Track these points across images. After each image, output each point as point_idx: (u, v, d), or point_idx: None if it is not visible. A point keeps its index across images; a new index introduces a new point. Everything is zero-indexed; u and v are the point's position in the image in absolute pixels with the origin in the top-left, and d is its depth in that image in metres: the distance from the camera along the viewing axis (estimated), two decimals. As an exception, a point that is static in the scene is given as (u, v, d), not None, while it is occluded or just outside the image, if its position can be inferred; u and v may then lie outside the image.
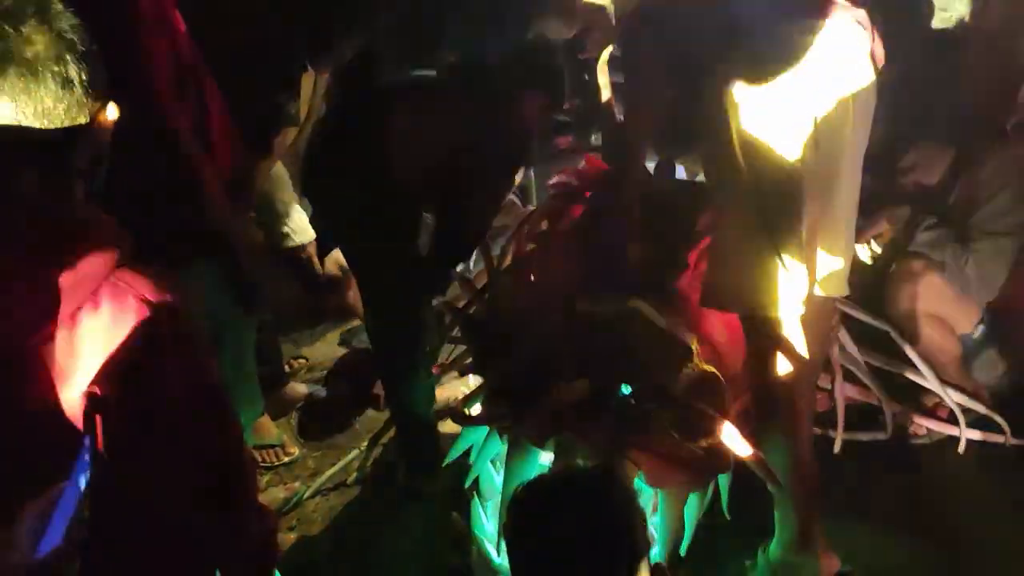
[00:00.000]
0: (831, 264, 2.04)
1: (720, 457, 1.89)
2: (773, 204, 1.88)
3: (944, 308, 2.58)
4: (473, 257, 3.34)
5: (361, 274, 2.65)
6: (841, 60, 1.84)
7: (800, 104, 1.85)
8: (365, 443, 2.94)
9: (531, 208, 3.52)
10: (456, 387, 3.08)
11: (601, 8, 2.76)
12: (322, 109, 2.71)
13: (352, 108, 2.49)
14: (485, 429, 2.09)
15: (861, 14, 1.91)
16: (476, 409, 2.24)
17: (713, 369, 1.97)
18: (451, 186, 2.41)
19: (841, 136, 1.91)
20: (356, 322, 3.58)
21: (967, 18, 2.55)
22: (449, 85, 2.47)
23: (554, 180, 2.68)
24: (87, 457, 0.93)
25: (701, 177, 2.51)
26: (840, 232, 2.05)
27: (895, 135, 2.35)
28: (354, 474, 2.86)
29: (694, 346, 1.99)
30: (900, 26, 2.54)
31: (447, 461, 2.31)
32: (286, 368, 3.37)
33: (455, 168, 2.37)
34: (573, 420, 1.86)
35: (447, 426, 2.66)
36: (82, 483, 0.92)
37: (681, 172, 2.82)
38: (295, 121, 2.54)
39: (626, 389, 1.96)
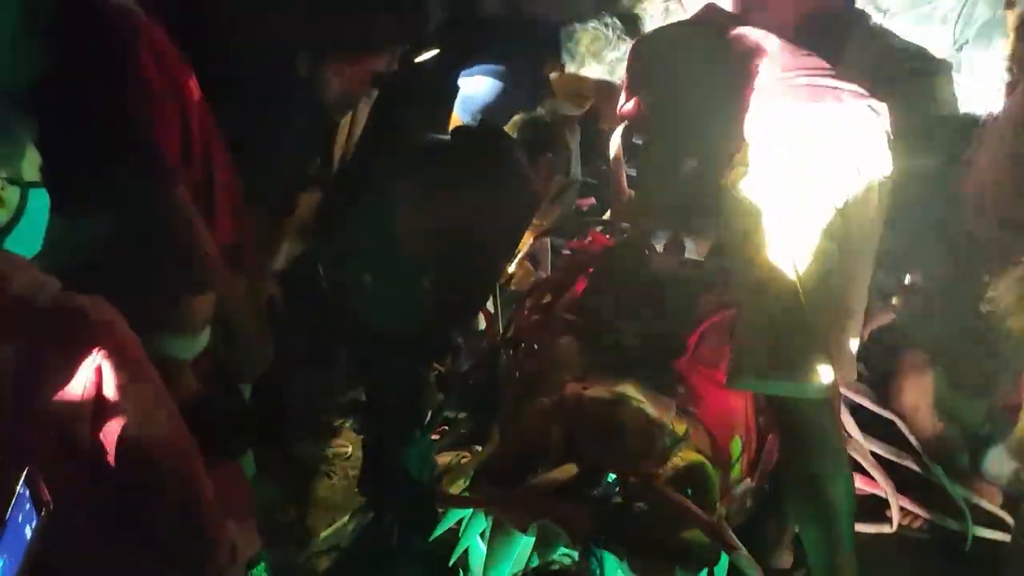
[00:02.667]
0: (842, 349, 2.03)
1: (707, 550, 1.84)
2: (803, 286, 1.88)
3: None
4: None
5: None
6: (857, 148, 1.85)
7: (818, 191, 1.86)
8: (360, 504, 2.92)
9: (543, 275, 3.52)
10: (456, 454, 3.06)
11: (611, 84, 2.79)
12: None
13: (362, 169, 2.53)
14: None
15: (877, 103, 1.92)
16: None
17: (704, 459, 1.94)
18: (455, 250, 2.42)
19: (857, 224, 1.91)
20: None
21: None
22: (459, 149, 2.50)
23: (564, 252, 2.70)
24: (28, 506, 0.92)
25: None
26: (852, 317, 2.04)
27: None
28: (349, 536, 2.84)
29: (686, 434, 1.96)
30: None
31: (435, 534, 2.28)
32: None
33: (460, 232, 2.39)
34: (555, 506, 1.83)
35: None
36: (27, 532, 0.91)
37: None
38: (319, 183, 2.58)
39: (612, 476, 1.92)
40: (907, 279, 2.53)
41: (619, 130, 2.64)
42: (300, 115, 2.35)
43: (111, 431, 1.03)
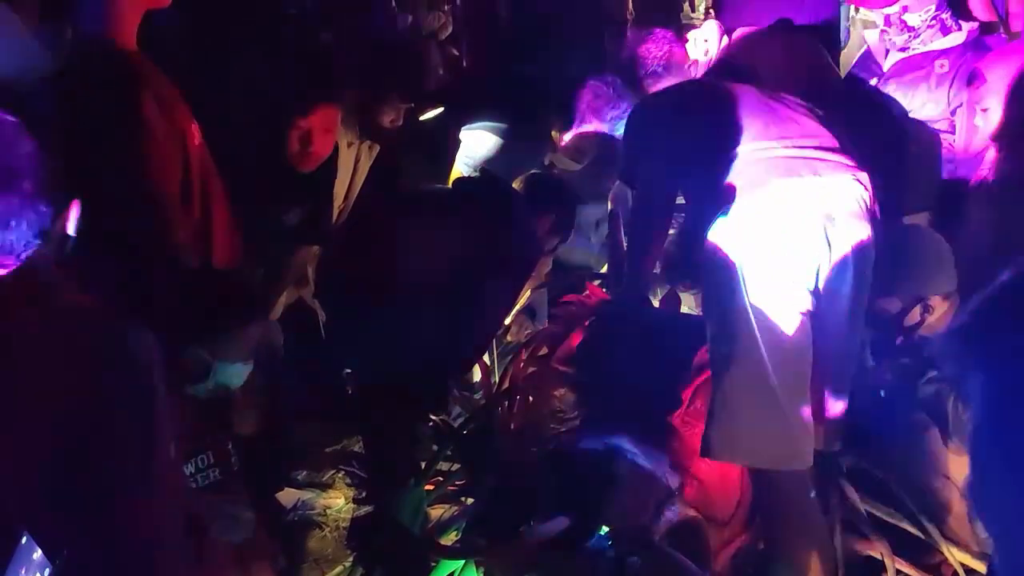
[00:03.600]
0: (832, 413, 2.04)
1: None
2: (780, 358, 1.90)
3: (946, 463, 2.51)
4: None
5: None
6: (832, 221, 1.88)
7: (802, 260, 1.89)
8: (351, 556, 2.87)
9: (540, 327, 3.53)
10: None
11: (611, 140, 2.84)
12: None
13: (366, 218, 2.56)
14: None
15: (860, 173, 1.95)
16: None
17: (696, 514, 1.93)
18: (454, 299, 2.43)
19: (841, 290, 1.93)
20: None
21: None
22: (461, 197, 2.53)
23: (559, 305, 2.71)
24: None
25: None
26: (842, 383, 2.05)
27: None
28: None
29: (679, 489, 1.95)
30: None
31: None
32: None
33: (459, 280, 2.40)
34: (548, 558, 1.82)
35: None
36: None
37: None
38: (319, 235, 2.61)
39: (605, 530, 1.92)
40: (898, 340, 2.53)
41: (616, 186, 2.70)
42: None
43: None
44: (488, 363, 2.85)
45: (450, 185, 2.72)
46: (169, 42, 2.28)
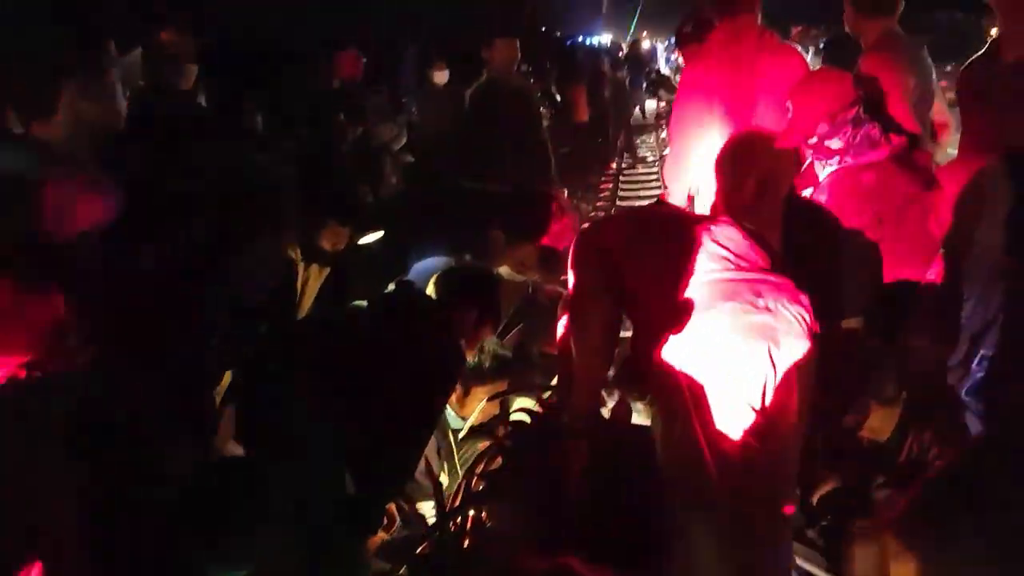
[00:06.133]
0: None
1: None
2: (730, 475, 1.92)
3: (904, 570, 2.50)
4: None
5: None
6: (784, 339, 1.92)
7: (747, 381, 1.93)
8: None
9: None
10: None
11: (555, 254, 2.88)
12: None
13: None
14: None
15: (802, 295, 2.01)
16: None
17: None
18: (378, 408, 2.39)
19: (787, 406, 1.96)
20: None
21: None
22: (374, 319, 2.52)
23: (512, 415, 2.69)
24: None
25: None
26: (788, 490, 2.07)
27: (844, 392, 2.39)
28: None
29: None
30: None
31: None
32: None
33: (376, 400, 2.37)
34: None
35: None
36: None
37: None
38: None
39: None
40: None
41: (563, 305, 2.72)
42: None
43: None
44: (441, 479, 2.80)
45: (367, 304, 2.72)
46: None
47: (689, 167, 3.44)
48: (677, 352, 1.96)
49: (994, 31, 2.60)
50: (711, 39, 3.55)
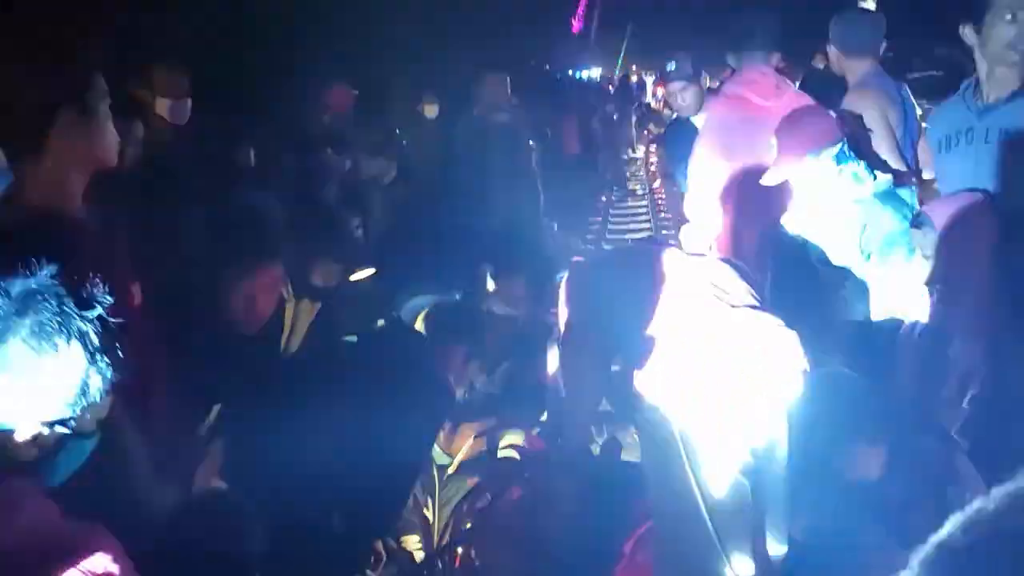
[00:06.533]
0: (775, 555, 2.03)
1: None
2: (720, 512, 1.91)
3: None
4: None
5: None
6: (774, 378, 1.93)
7: (738, 419, 1.93)
8: None
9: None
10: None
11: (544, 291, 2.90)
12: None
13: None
14: None
15: (785, 332, 2.02)
16: None
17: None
18: (365, 444, 2.38)
19: (777, 445, 1.97)
20: None
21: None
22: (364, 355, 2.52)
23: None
24: None
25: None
26: (782, 531, 2.06)
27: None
28: None
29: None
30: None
31: None
32: None
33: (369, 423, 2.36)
34: None
35: None
36: None
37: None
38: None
39: None
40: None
41: (555, 341, 2.73)
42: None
43: None
44: (428, 516, 2.78)
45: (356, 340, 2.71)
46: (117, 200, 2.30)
47: (709, 206, 3.46)
48: (667, 389, 1.97)
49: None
50: (730, 85, 3.64)
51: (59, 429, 1.29)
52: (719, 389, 1.91)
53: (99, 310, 1.28)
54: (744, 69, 3.62)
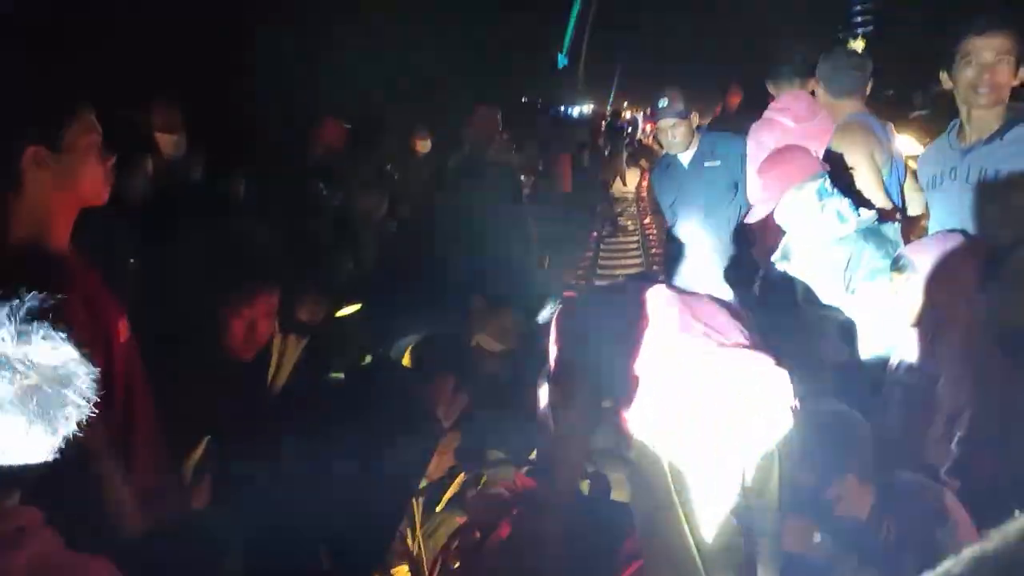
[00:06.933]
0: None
1: None
2: (710, 551, 1.91)
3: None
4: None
5: None
6: (765, 415, 1.94)
7: (728, 457, 1.93)
8: None
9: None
10: None
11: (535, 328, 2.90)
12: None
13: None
14: None
15: (781, 370, 2.03)
16: None
17: None
18: (354, 479, 2.37)
19: (767, 483, 1.96)
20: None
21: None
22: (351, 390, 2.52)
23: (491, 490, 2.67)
24: None
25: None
26: (775, 564, 2.05)
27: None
28: None
29: None
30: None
31: None
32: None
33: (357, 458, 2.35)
34: None
35: None
36: None
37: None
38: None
39: None
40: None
41: (545, 377, 2.73)
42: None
43: None
44: (411, 547, 2.76)
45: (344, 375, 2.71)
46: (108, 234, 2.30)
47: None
48: (658, 427, 1.97)
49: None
50: (769, 111, 3.85)
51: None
52: (710, 427, 1.91)
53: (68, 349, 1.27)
54: (781, 96, 3.88)
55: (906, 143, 4.43)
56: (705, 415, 1.93)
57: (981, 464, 2.34)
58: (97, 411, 1.86)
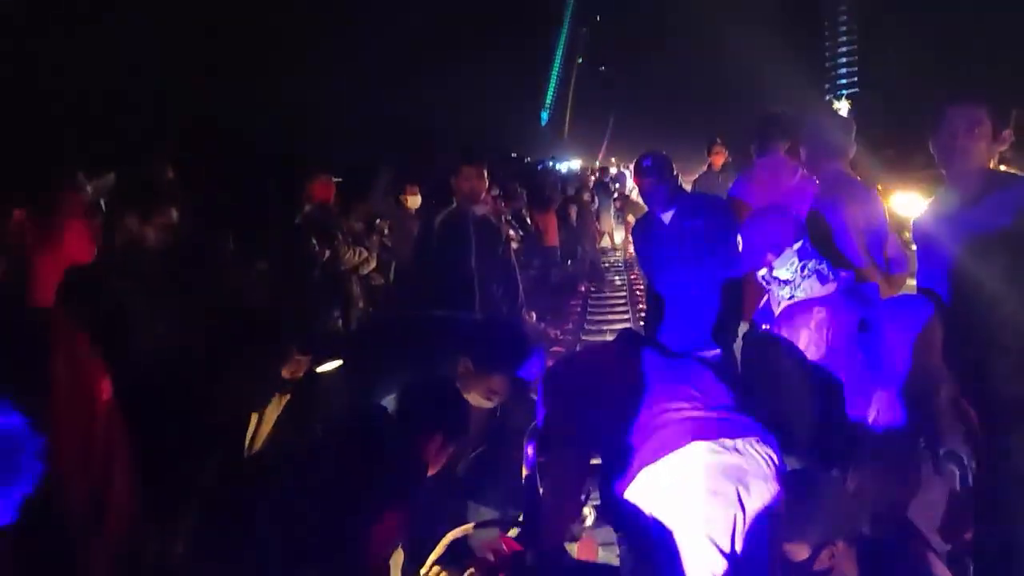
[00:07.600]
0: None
1: None
2: None
3: None
4: None
5: None
6: (752, 480, 1.94)
7: (716, 522, 1.92)
8: None
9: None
10: None
11: (521, 384, 2.89)
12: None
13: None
14: None
15: (768, 436, 2.03)
16: None
17: None
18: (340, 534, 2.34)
19: (755, 548, 1.95)
20: None
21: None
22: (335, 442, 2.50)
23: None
24: None
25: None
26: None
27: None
28: None
29: None
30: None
31: None
32: None
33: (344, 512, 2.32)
34: None
35: None
36: None
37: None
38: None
39: None
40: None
41: (531, 436, 2.72)
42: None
43: None
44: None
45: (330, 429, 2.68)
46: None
47: None
48: (645, 491, 1.96)
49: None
50: (755, 169, 4.08)
51: None
52: (699, 493, 1.91)
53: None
54: (765, 155, 4.10)
55: (909, 201, 4.49)
56: (695, 479, 1.92)
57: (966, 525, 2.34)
58: (75, 468, 1.87)
